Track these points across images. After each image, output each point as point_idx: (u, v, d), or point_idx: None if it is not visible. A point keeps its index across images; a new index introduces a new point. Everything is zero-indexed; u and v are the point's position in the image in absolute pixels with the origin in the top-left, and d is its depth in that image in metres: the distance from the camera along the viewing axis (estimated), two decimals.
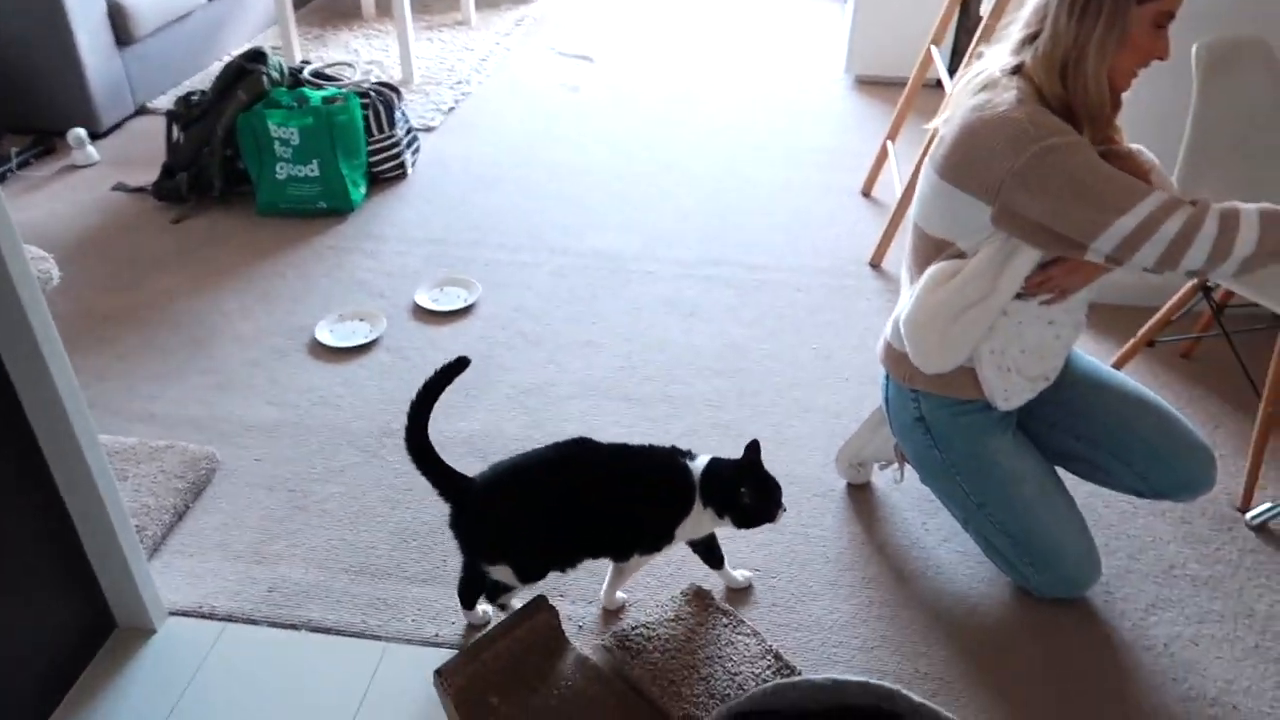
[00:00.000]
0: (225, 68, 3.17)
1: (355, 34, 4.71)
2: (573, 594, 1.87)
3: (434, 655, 1.72)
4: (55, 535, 1.62)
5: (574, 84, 4.26)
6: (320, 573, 1.91)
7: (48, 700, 1.64)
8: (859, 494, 2.12)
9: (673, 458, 1.70)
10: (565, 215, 3.21)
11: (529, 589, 1.75)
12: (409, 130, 3.45)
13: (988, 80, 1.58)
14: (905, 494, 2.11)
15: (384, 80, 3.50)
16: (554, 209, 3.25)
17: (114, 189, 3.30)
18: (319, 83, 3.29)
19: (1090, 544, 1.81)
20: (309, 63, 3.48)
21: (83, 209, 3.20)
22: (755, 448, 1.68)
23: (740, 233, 3.12)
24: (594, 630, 1.81)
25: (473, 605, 1.80)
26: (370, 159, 3.26)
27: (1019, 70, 1.55)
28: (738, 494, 1.66)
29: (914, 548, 1.99)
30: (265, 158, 3.08)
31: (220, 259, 2.94)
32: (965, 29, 3.76)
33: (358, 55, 4.42)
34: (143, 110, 3.85)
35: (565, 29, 4.95)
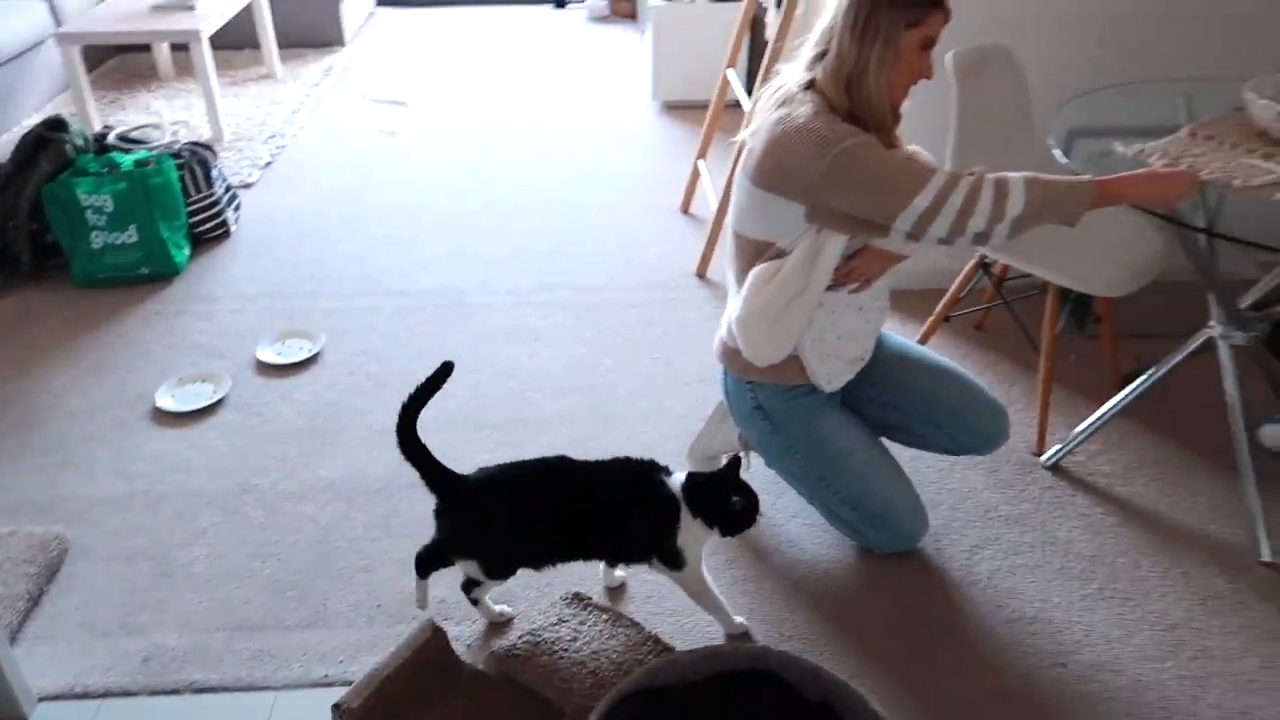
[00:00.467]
0: (22, 138, 3.05)
1: (154, 95, 4.58)
2: (456, 616, 1.94)
3: (328, 695, 1.74)
4: None
5: (390, 129, 4.31)
6: (196, 635, 1.90)
7: None
8: None
9: (651, 470, 1.81)
10: (398, 258, 3.26)
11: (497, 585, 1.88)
12: (228, 188, 3.41)
13: (786, 95, 1.78)
14: (754, 479, 2.25)
15: (195, 140, 3.45)
16: (387, 252, 3.29)
17: None
18: (127, 146, 3.21)
19: (917, 501, 2.03)
20: (111, 127, 3.38)
21: None
22: (736, 463, 1.80)
23: (571, 258, 3.26)
24: (480, 647, 1.88)
25: (427, 576, 1.88)
26: (191, 220, 3.21)
27: (812, 85, 1.76)
28: (729, 503, 1.77)
29: (767, 526, 2.17)
30: (77, 228, 2.98)
31: (40, 337, 2.82)
32: (755, 52, 4.07)
33: (160, 116, 4.30)
34: None
35: (375, 75, 4.98)
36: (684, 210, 3.58)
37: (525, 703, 1.71)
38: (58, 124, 3.09)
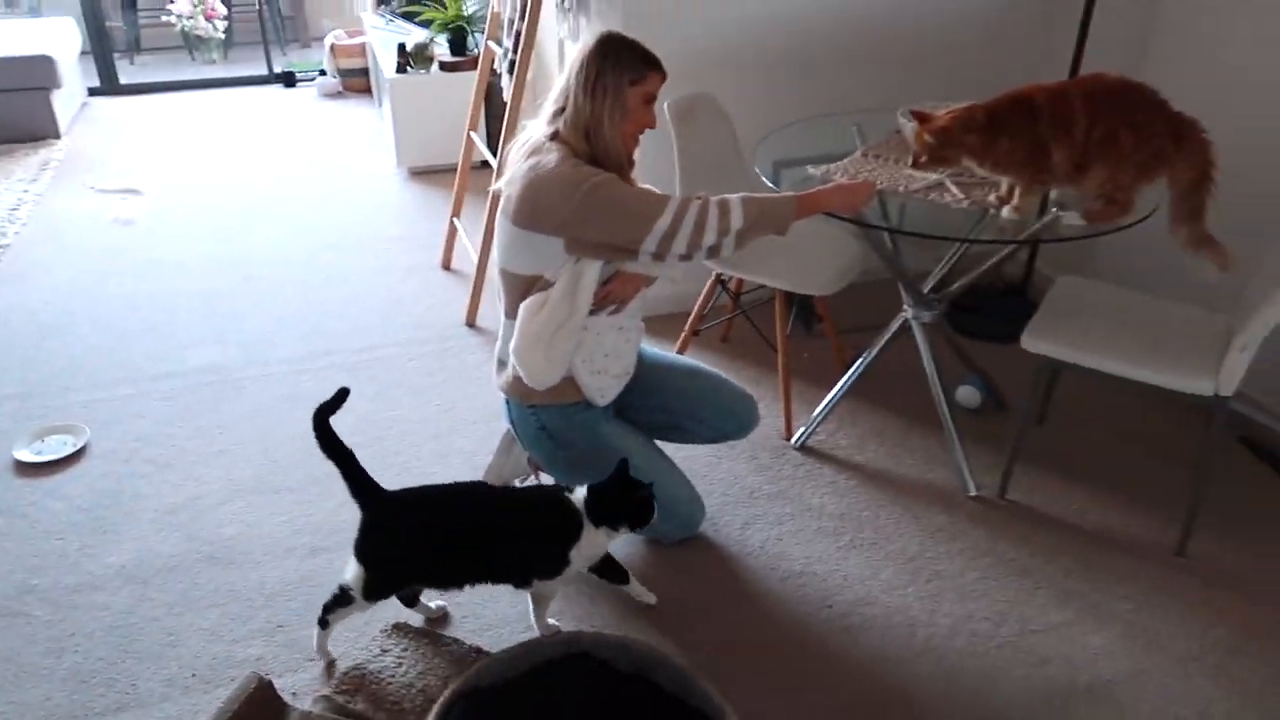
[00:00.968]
0: None
1: None
2: (278, 669, 1.98)
3: None
4: None
5: (126, 218, 4.17)
6: None
7: None
8: None
9: (555, 493, 1.96)
10: (158, 343, 3.19)
11: (365, 608, 1.95)
12: None
13: (535, 146, 2.02)
14: None
15: None
16: (144, 339, 3.22)
17: None
18: None
19: (693, 491, 2.30)
20: None
21: None
22: (624, 464, 1.94)
23: (341, 323, 3.33)
24: (306, 692, 1.93)
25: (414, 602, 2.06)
26: None
27: (556, 135, 2.01)
28: (630, 504, 1.92)
29: None
30: None
31: None
32: (493, 114, 4.32)
33: None
34: None
35: (101, 165, 4.79)
36: (445, 266, 3.74)
37: None
38: None
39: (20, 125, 5.00)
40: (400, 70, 4.57)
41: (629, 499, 1.94)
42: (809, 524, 2.41)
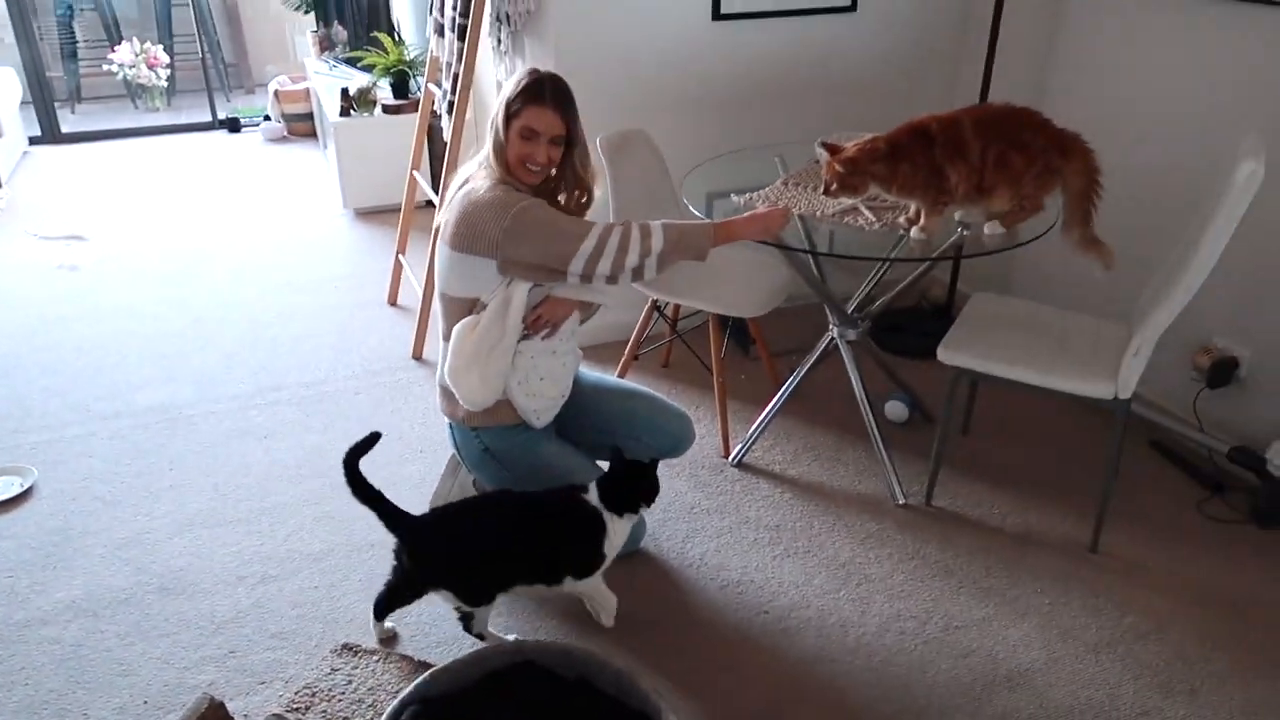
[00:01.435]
0: None
1: None
2: (230, 692, 2.02)
3: None
4: None
5: (71, 264, 4.20)
6: None
7: None
8: None
9: (571, 494, 2.09)
10: (105, 384, 3.23)
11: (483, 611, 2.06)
12: None
13: (468, 176, 2.14)
14: None
15: None
16: (92, 380, 3.25)
17: None
18: None
19: None
20: None
21: None
22: (617, 452, 2.11)
23: (290, 359, 3.39)
24: (258, 714, 1.97)
25: (383, 617, 2.13)
26: None
27: (485, 164, 2.14)
28: (641, 486, 2.09)
29: None
30: None
31: None
32: (435, 153, 4.42)
33: None
34: None
35: (44, 213, 4.80)
36: (391, 302, 3.82)
37: None
38: None
39: None
40: (344, 114, 4.67)
41: (639, 481, 2.11)
42: (746, 535, 2.52)
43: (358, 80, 4.83)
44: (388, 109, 4.68)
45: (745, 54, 3.22)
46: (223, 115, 6.40)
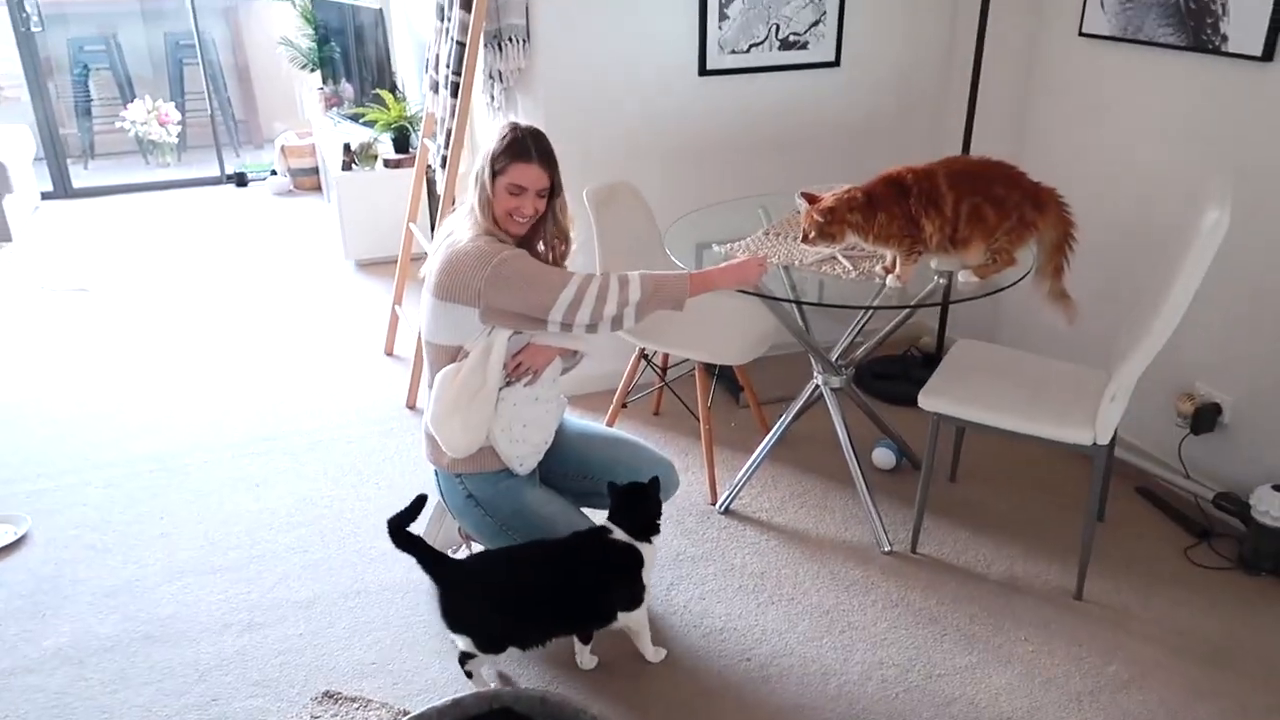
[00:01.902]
0: None
1: None
2: None
3: None
4: None
5: (75, 315, 4.27)
6: None
7: None
8: None
9: (600, 534, 2.15)
10: (102, 433, 3.27)
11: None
12: None
13: (453, 228, 2.20)
14: None
15: None
16: (89, 430, 3.29)
17: None
18: None
19: None
20: None
21: None
22: (613, 486, 2.20)
23: (285, 408, 3.43)
24: None
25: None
26: None
27: (469, 216, 2.20)
28: (655, 508, 2.19)
29: None
30: None
31: None
32: (435, 208, 4.52)
33: None
34: None
35: (51, 265, 4.90)
36: (388, 352, 3.87)
37: None
38: None
39: None
40: (346, 168, 4.78)
41: (651, 505, 2.19)
42: (731, 583, 2.52)
43: (360, 136, 4.94)
44: (388, 163, 4.78)
45: (731, 108, 3.30)
46: (231, 170, 6.53)
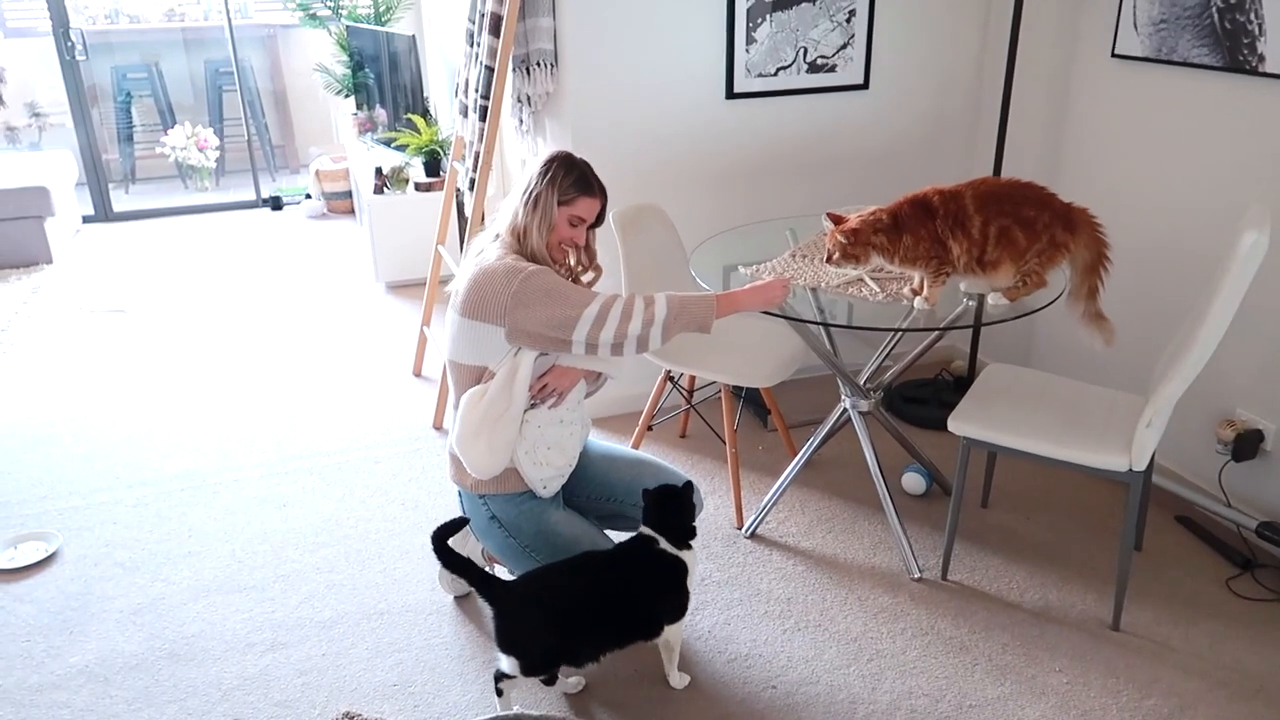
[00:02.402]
0: None
1: None
2: None
3: None
4: None
5: (111, 335, 4.34)
6: None
7: None
8: (465, 603, 2.52)
9: (645, 542, 2.14)
10: (135, 452, 3.31)
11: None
12: None
13: (481, 247, 2.22)
14: None
15: None
16: (122, 449, 3.33)
17: None
18: None
19: None
20: None
21: None
22: (647, 493, 2.17)
23: (313, 428, 3.45)
24: None
25: (554, 681, 2.18)
26: None
27: (498, 237, 2.20)
28: (690, 511, 2.18)
29: None
30: None
31: None
32: (464, 229, 4.54)
33: None
34: None
35: (90, 288, 4.99)
36: (416, 373, 3.89)
37: None
38: None
39: (15, 252, 5.23)
40: (378, 192, 4.83)
41: (685, 509, 2.17)
42: (757, 608, 2.49)
43: (391, 160, 5.00)
44: (419, 187, 4.83)
45: (758, 131, 3.29)
46: (266, 194, 6.63)
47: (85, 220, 6.26)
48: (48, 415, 3.59)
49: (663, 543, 2.14)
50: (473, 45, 3.27)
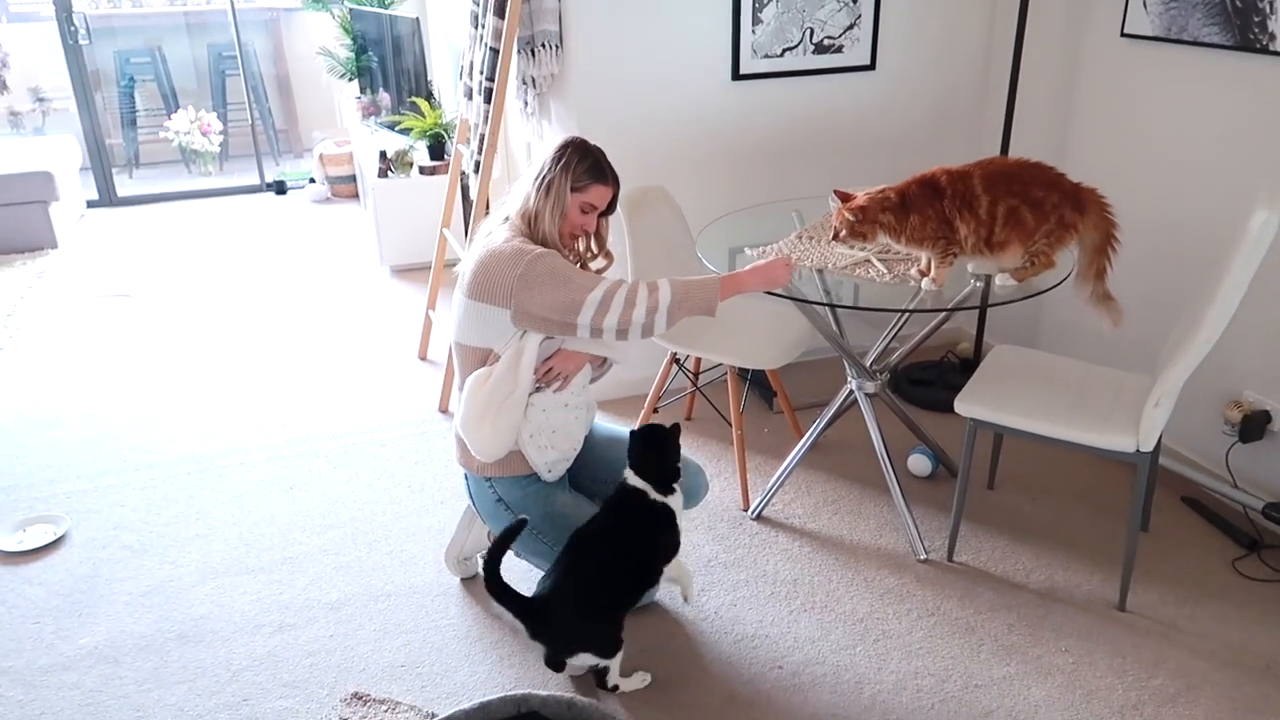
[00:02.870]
0: None
1: None
2: None
3: None
4: None
5: (116, 319, 4.34)
6: None
7: None
8: (471, 585, 2.53)
9: (633, 492, 2.16)
10: (142, 435, 3.32)
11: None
12: None
13: (490, 229, 2.21)
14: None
15: None
16: (129, 432, 3.34)
17: None
18: None
19: None
20: None
21: None
22: (633, 434, 2.18)
23: (320, 411, 3.46)
24: None
25: (562, 669, 2.18)
26: None
27: (508, 219, 2.20)
28: (673, 454, 2.17)
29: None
30: None
31: None
32: (469, 212, 4.53)
33: None
34: None
35: (94, 272, 4.99)
36: (422, 357, 3.89)
37: None
38: None
39: (19, 236, 5.23)
40: (382, 175, 4.81)
41: (668, 452, 2.17)
42: (763, 589, 2.49)
43: (395, 143, 4.98)
44: (424, 170, 4.82)
45: (764, 112, 3.28)
46: (270, 178, 6.62)
47: (89, 205, 6.25)
48: (54, 399, 3.60)
49: (652, 493, 2.16)
50: (477, 27, 3.25)
